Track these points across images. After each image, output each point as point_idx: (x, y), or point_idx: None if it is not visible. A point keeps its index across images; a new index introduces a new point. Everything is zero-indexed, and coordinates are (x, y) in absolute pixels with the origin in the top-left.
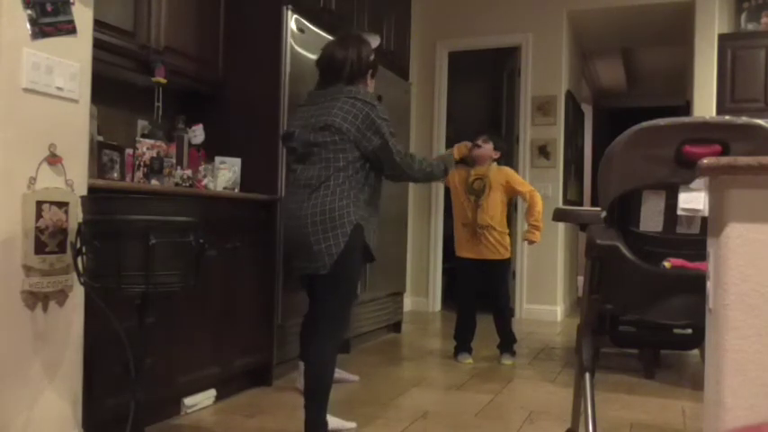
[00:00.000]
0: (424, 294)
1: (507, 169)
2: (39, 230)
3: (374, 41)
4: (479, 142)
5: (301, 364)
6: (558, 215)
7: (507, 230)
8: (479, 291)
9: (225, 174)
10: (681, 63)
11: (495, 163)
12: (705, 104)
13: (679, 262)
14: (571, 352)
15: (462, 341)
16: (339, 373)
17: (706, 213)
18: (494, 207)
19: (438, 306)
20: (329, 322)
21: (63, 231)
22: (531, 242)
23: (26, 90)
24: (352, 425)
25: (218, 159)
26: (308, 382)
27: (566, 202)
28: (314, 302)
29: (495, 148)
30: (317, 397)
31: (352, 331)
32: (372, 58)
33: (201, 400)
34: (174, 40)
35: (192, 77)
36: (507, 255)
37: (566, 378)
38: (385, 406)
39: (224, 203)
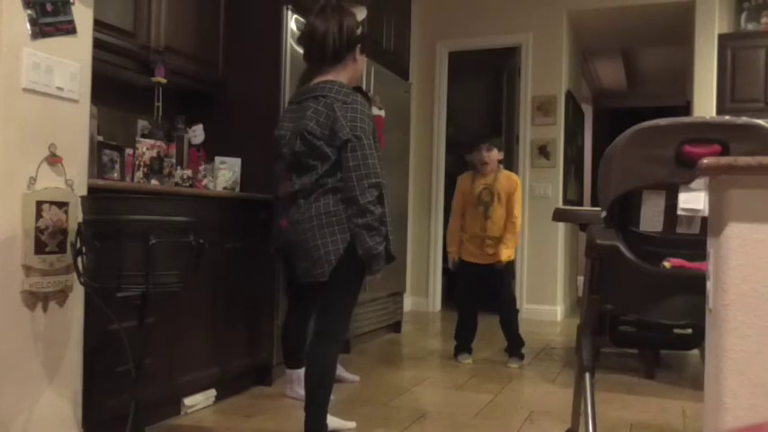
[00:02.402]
0: (424, 294)
1: (515, 178)
2: (39, 230)
3: (360, 13)
4: (484, 152)
5: (296, 372)
6: (558, 215)
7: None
8: (481, 291)
9: (225, 174)
10: (681, 63)
11: (501, 167)
12: (705, 104)
13: (679, 262)
14: (571, 352)
15: (463, 341)
16: (340, 371)
17: (706, 213)
18: (501, 217)
19: (438, 306)
20: (333, 326)
21: (63, 231)
22: (499, 262)
23: (26, 90)
24: (352, 424)
25: (218, 159)
26: (309, 383)
27: (566, 201)
28: (303, 304)
29: (499, 150)
30: (318, 399)
31: (352, 331)
32: (360, 31)
33: (201, 400)
34: (174, 40)
35: (192, 77)
36: (511, 256)
37: (566, 378)
38: (385, 406)
39: (224, 203)
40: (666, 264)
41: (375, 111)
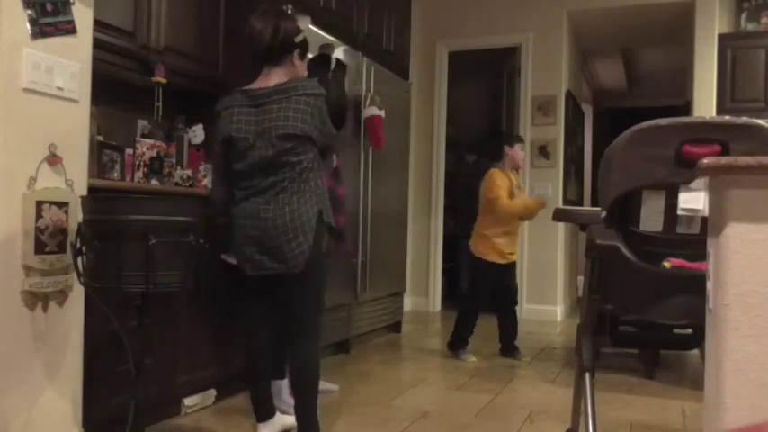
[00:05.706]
0: (424, 294)
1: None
2: (39, 230)
3: (303, 22)
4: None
5: (280, 383)
6: (558, 215)
7: None
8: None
9: None
10: (681, 63)
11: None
12: (705, 104)
13: (679, 262)
14: (571, 352)
15: (465, 338)
16: (323, 385)
17: (706, 213)
18: None
19: (438, 306)
20: (312, 320)
21: (63, 231)
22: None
23: (26, 90)
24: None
25: None
26: (301, 383)
27: (566, 202)
28: (262, 306)
29: None
30: (313, 398)
31: (352, 331)
32: (301, 38)
33: (201, 400)
34: (174, 40)
35: (192, 77)
36: None
37: (566, 378)
38: (385, 406)
39: None
40: (666, 264)
41: (375, 111)
